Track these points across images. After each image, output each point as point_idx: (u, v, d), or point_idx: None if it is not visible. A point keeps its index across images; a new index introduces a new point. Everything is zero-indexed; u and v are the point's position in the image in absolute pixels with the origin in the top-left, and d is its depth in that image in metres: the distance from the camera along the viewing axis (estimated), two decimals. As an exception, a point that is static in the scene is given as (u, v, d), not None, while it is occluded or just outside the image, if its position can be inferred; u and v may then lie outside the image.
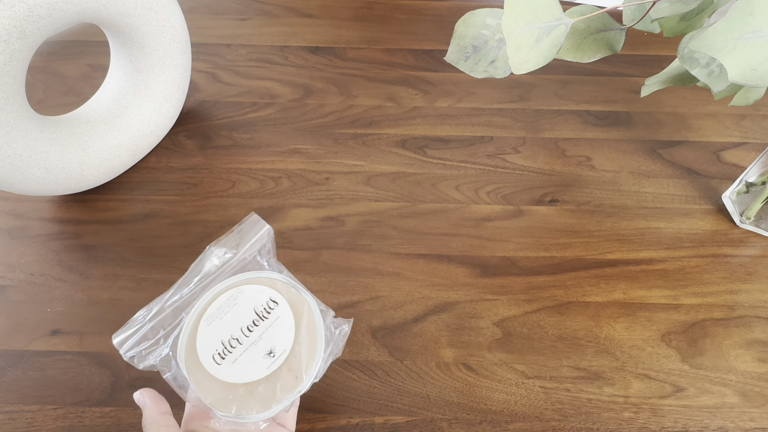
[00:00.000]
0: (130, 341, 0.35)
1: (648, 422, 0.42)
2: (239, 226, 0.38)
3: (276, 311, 0.36)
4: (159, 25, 0.52)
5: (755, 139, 0.58)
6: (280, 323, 0.36)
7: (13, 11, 0.41)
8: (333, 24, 0.71)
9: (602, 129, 0.60)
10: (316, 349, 0.36)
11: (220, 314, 0.36)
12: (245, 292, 0.36)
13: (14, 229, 0.52)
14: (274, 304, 0.36)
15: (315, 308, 0.37)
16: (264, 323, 0.36)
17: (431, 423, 0.42)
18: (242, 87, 0.64)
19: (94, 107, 0.54)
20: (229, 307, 0.36)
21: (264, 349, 0.35)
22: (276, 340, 0.35)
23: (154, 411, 0.35)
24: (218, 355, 0.35)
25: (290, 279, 0.37)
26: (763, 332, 0.46)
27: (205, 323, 0.35)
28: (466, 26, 0.45)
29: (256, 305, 0.36)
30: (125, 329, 0.35)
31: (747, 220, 0.51)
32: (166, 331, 0.36)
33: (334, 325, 0.37)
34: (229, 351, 0.35)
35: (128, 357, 0.35)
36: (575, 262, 0.50)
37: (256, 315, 0.36)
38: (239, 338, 0.35)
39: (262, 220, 0.38)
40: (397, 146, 0.58)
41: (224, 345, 0.35)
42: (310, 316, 0.36)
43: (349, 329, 0.38)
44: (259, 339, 0.35)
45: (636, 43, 0.68)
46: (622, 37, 0.47)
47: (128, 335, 0.35)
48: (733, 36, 0.34)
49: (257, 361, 0.35)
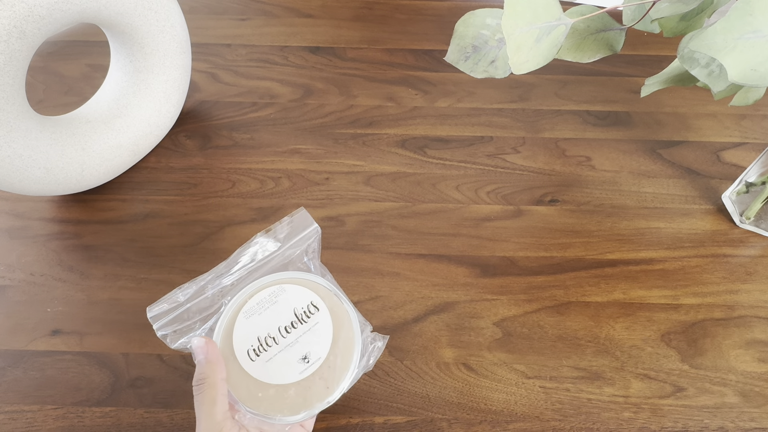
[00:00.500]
0: (165, 319, 0.35)
1: (648, 422, 0.42)
2: (289, 218, 0.38)
3: (316, 317, 0.36)
4: (159, 25, 0.52)
5: (755, 139, 0.58)
6: (318, 329, 0.36)
7: (13, 11, 0.41)
8: (333, 24, 0.71)
9: (602, 129, 0.60)
10: (350, 362, 0.36)
11: (259, 309, 0.36)
12: (287, 291, 0.36)
13: (14, 229, 0.52)
14: (315, 309, 0.36)
15: (355, 321, 0.36)
16: (302, 327, 0.35)
17: (431, 423, 0.42)
18: (242, 87, 0.64)
19: (94, 107, 0.54)
20: (269, 304, 0.36)
21: (299, 354, 0.35)
22: (312, 346, 0.35)
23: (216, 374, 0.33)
24: (253, 351, 0.35)
25: (334, 287, 0.37)
26: (763, 332, 0.46)
27: (243, 316, 0.35)
28: (466, 26, 0.45)
29: (296, 307, 0.36)
30: (161, 305, 0.35)
31: (747, 220, 0.51)
32: (203, 316, 0.35)
33: (369, 339, 0.37)
34: (264, 349, 0.35)
35: (161, 334, 0.35)
36: (575, 262, 0.50)
37: (296, 317, 0.36)
38: (276, 338, 0.35)
39: (310, 218, 0.38)
40: (397, 146, 0.58)
41: (260, 342, 0.35)
42: (348, 328, 0.36)
43: (384, 346, 0.38)
44: (296, 342, 0.35)
45: (636, 43, 0.68)
46: (622, 37, 0.47)
47: (163, 311, 0.35)
48: (733, 36, 0.34)
49: (291, 365, 0.35)
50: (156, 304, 0.35)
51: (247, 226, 0.52)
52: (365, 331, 0.37)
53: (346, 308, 0.37)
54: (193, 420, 0.42)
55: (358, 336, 0.36)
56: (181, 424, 0.42)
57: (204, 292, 0.36)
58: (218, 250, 0.51)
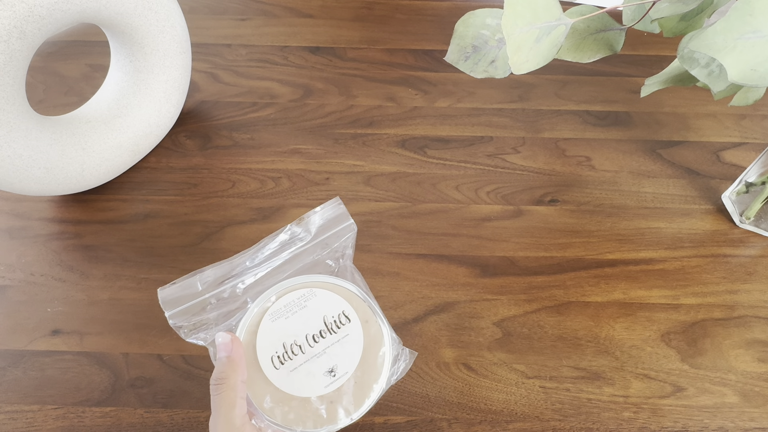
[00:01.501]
0: (180, 308, 0.32)
1: (648, 422, 0.42)
2: (322, 209, 0.35)
3: (346, 328, 0.34)
4: (159, 25, 0.52)
5: (755, 139, 0.58)
6: (348, 342, 0.33)
7: (13, 11, 0.41)
8: (333, 24, 0.71)
9: (602, 129, 0.60)
10: (378, 380, 0.33)
11: (286, 312, 0.33)
12: (318, 296, 0.34)
13: (14, 229, 0.52)
14: (346, 319, 0.34)
15: (387, 338, 0.34)
16: (331, 337, 0.33)
17: (431, 423, 0.42)
18: (242, 87, 0.64)
19: (94, 107, 0.54)
20: (297, 308, 0.34)
21: (326, 366, 0.33)
22: (340, 359, 0.33)
23: (237, 375, 0.31)
24: (277, 359, 0.32)
25: (368, 297, 0.35)
26: (762, 332, 0.46)
27: (269, 318, 0.33)
28: (466, 26, 0.45)
29: (326, 315, 0.34)
30: (174, 291, 0.32)
31: (747, 220, 0.51)
32: (223, 311, 0.33)
33: (399, 355, 0.35)
34: (289, 357, 0.33)
35: (173, 323, 0.33)
36: (575, 262, 0.50)
37: (325, 326, 0.33)
38: (302, 346, 0.33)
39: (346, 211, 0.35)
40: (397, 146, 0.58)
41: (285, 349, 0.33)
42: (380, 345, 0.34)
43: (412, 362, 0.36)
44: (323, 353, 0.33)
45: (636, 43, 0.68)
46: (621, 37, 0.47)
47: (177, 298, 0.32)
48: (733, 36, 0.34)
49: (316, 377, 0.33)
50: (169, 287, 0.32)
51: (247, 226, 0.52)
52: (396, 347, 0.35)
53: (379, 322, 0.34)
54: (194, 420, 0.42)
55: (390, 355, 0.34)
56: (181, 424, 0.42)
57: (225, 282, 0.33)
58: (218, 250, 0.51)
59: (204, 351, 0.45)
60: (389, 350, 0.34)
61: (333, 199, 0.36)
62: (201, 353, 0.45)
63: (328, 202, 0.36)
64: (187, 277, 0.33)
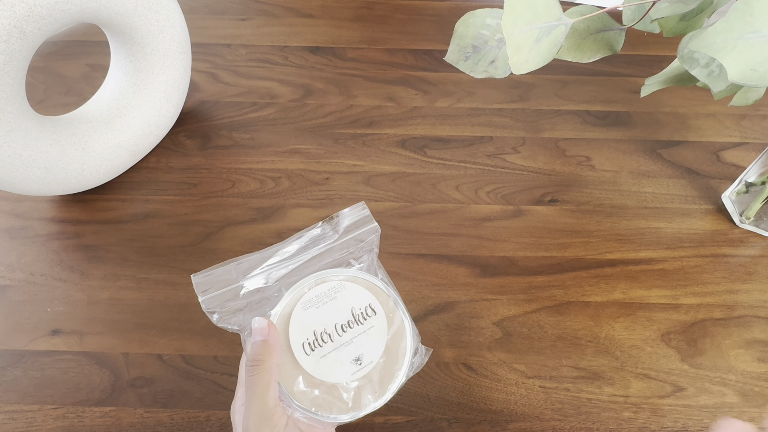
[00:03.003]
0: (213, 294, 0.34)
1: (648, 422, 0.42)
2: (350, 210, 0.37)
3: (372, 320, 0.36)
4: (159, 25, 0.52)
5: (755, 139, 0.58)
6: (373, 333, 0.35)
7: (13, 11, 0.41)
8: (333, 24, 0.71)
9: (602, 129, 0.60)
10: (399, 370, 0.35)
11: (317, 302, 0.35)
12: (347, 289, 0.36)
13: (14, 229, 0.52)
14: (372, 312, 0.36)
15: (409, 332, 0.36)
16: (358, 328, 0.35)
17: (431, 423, 0.42)
18: (242, 87, 0.64)
19: (94, 107, 0.54)
20: (327, 299, 0.35)
21: (353, 354, 0.35)
22: (366, 349, 0.35)
23: (273, 358, 0.32)
24: (308, 345, 0.34)
25: (393, 293, 0.37)
26: (762, 332, 0.46)
27: (301, 307, 0.35)
28: (466, 26, 0.45)
29: (354, 306, 0.36)
30: (209, 276, 0.34)
31: (747, 220, 0.51)
32: (254, 300, 0.35)
33: (418, 350, 0.37)
34: (319, 344, 0.34)
35: (207, 309, 0.34)
36: (575, 262, 0.50)
37: (353, 317, 0.35)
38: (332, 335, 0.35)
39: (371, 215, 0.38)
40: (397, 146, 0.58)
41: (316, 336, 0.34)
42: (402, 337, 0.36)
43: (427, 358, 0.37)
44: (351, 342, 0.35)
45: (636, 43, 0.68)
46: (621, 37, 0.47)
47: (211, 284, 0.34)
48: (733, 36, 0.34)
49: (344, 364, 0.34)
50: (204, 273, 0.34)
51: (247, 226, 0.52)
52: (416, 342, 0.37)
53: (402, 316, 0.36)
54: (194, 420, 0.42)
55: (411, 348, 0.36)
56: (181, 424, 0.42)
57: (258, 271, 0.35)
58: (218, 250, 0.51)
59: (204, 351, 0.45)
60: (410, 342, 0.36)
61: (359, 203, 0.38)
62: (201, 353, 0.45)
63: (354, 206, 0.38)
64: (222, 264, 0.35)
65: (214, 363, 0.44)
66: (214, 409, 0.42)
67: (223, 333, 0.45)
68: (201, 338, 0.46)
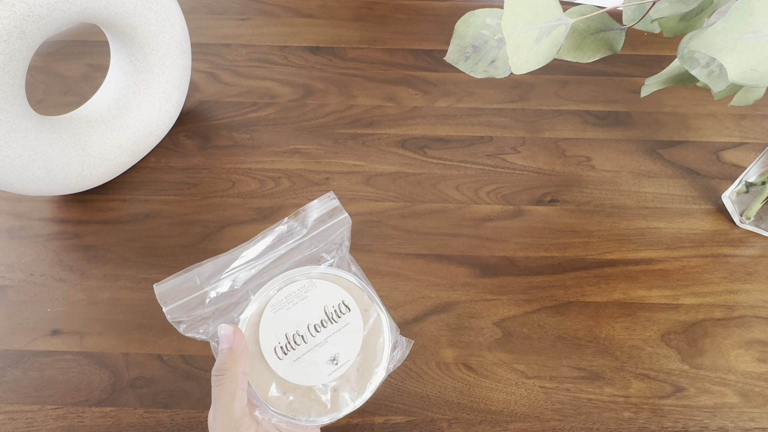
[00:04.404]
0: (178, 303, 0.32)
1: (648, 422, 0.42)
2: (318, 202, 0.36)
3: (347, 317, 0.34)
4: (159, 25, 0.52)
5: (755, 139, 0.58)
6: (348, 331, 0.34)
7: (13, 11, 0.41)
8: (333, 24, 0.71)
9: (602, 129, 0.60)
10: (379, 366, 0.34)
11: (287, 303, 0.34)
12: (318, 287, 0.35)
13: (14, 229, 0.52)
14: (346, 309, 0.35)
15: (386, 325, 0.35)
16: (332, 326, 0.34)
17: (431, 423, 0.42)
18: (242, 87, 0.64)
19: (94, 107, 0.54)
20: (298, 299, 0.34)
21: (328, 354, 0.34)
22: (341, 347, 0.34)
23: (238, 366, 0.31)
24: (281, 349, 0.33)
25: (367, 287, 0.36)
26: (762, 332, 0.46)
27: (270, 309, 0.34)
28: (466, 26, 0.45)
29: (327, 305, 0.34)
30: (171, 286, 0.32)
31: (747, 220, 0.51)
32: (222, 305, 0.33)
33: (397, 343, 0.36)
34: (292, 347, 0.33)
35: (171, 318, 0.32)
36: (575, 262, 0.50)
37: (326, 315, 0.34)
38: (305, 336, 0.34)
39: (341, 206, 0.36)
40: (397, 146, 0.58)
41: (288, 339, 0.33)
42: (379, 332, 0.35)
43: (409, 350, 0.37)
44: (325, 342, 0.34)
45: (636, 43, 0.68)
46: (622, 37, 0.47)
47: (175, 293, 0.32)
48: (733, 36, 0.34)
49: (319, 365, 0.33)
50: (166, 282, 0.32)
51: (247, 226, 0.52)
52: (394, 335, 0.36)
53: (378, 310, 0.35)
54: (193, 420, 0.42)
55: (389, 341, 0.35)
56: (181, 424, 0.42)
57: (223, 276, 0.33)
58: (218, 250, 0.51)
59: (204, 351, 0.45)
60: (388, 337, 0.35)
61: (326, 194, 0.36)
62: (201, 353, 0.45)
63: (321, 197, 0.36)
64: (185, 271, 0.33)
65: (214, 363, 0.44)
66: (214, 409, 0.42)
67: (223, 333, 0.45)
68: (201, 338, 0.46)
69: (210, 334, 0.34)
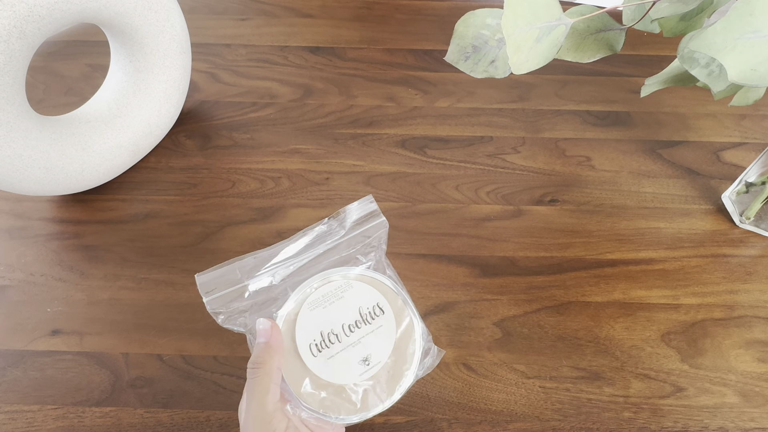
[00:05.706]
0: (218, 294, 0.33)
1: (648, 422, 0.42)
2: (357, 205, 0.37)
3: (380, 320, 0.35)
4: (159, 25, 0.52)
5: (755, 139, 0.58)
6: (381, 333, 0.35)
7: (13, 11, 0.41)
8: (333, 24, 0.71)
9: (602, 129, 0.60)
10: (409, 369, 0.35)
11: (324, 302, 0.35)
12: (354, 287, 0.35)
13: (14, 229, 0.52)
14: (380, 311, 0.35)
15: (418, 330, 0.36)
16: (366, 327, 0.35)
17: (431, 423, 0.42)
18: (242, 87, 0.64)
19: (94, 107, 0.54)
20: (334, 298, 0.35)
21: (361, 355, 0.34)
22: (374, 349, 0.35)
23: (273, 361, 0.32)
24: (315, 346, 0.34)
25: (401, 291, 0.36)
26: (762, 332, 0.46)
27: (307, 307, 0.35)
28: (466, 26, 0.45)
29: (362, 306, 0.35)
30: (213, 276, 0.33)
31: (747, 220, 0.51)
32: (260, 300, 0.34)
33: (429, 351, 0.37)
34: (326, 345, 0.34)
35: (212, 310, 0.33)
36: (575, 262, 0.50)
37: (360, 316, 0.35)
38: (339, 335, 0.34)
39: (378, 210, 0.37)
40: (397, 146, 0.58)
41: (323, 337, 0.34)
42: (411, 337, 0.36)
43: (439, 359, 0.37)
44: (358, 342, 0.34)
45: (636, 43, 0.68)
46: (622, 37, 0.47)
47: (215, 284, 0.33)
48: (733, 36, 0.34)
49: (352, 365, 0.34)
50: (208, 273, 0.33)
51: (247, 226, 0.52)
52: (426, 340, 0.36)
53: (411, 315, 0.36)
54: (193, 420, 0.42)
55: (420, 346, 0.36)
56: (181, 424, 0.42)
57: (263, 271, 0.34)
58: (218, 250, 0.51)
59: (204, 351, 0.45)
60: (420, 342, 0.36)
61: (366, 197, 0.37)
62: (201, 353, 0.45)
63: (361, 200, 0.37)
64: (226, 263, 0.34)
65: (214, 363, 0.44)
66: (214, 409, 0.42)
67: (223, 333, 0.45)
68: (201, 338, 0.46)
69: (247, 327, 0.34)
